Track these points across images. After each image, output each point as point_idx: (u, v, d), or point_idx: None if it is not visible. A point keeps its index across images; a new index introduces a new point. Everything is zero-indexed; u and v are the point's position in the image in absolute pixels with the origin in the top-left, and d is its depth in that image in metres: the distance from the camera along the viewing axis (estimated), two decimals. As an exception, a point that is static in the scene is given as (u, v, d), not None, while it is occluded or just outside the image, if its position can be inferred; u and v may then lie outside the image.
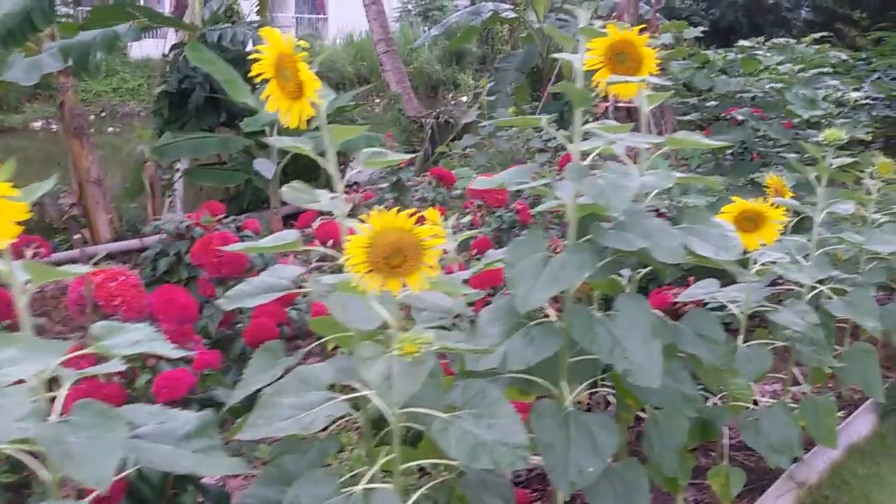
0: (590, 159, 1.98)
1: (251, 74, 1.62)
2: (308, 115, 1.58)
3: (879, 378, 2.83)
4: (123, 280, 2.16)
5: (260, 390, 1.63)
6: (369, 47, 14.67)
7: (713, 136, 4.57)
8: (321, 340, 1.98)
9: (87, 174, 6.22)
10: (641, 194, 2.00)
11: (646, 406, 2.13)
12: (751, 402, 2.51)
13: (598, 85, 1.84)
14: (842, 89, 4.52)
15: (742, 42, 5.23)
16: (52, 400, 1.31)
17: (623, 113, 5.31)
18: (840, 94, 4.14)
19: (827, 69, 5.41)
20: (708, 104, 4.60)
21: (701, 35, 5.68)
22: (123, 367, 1.38)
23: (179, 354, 1.37)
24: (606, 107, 5.93)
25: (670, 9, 14.35)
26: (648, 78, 1.73)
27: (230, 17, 7.51)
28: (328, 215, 2.09)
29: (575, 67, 1.75)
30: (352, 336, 1.69)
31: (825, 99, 4.07)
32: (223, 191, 7.45)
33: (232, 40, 6.77)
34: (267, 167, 5.91)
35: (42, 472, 1.30)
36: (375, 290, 1.39)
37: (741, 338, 2.52)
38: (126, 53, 20.46)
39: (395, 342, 1.40)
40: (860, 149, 5.25)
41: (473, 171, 6.14)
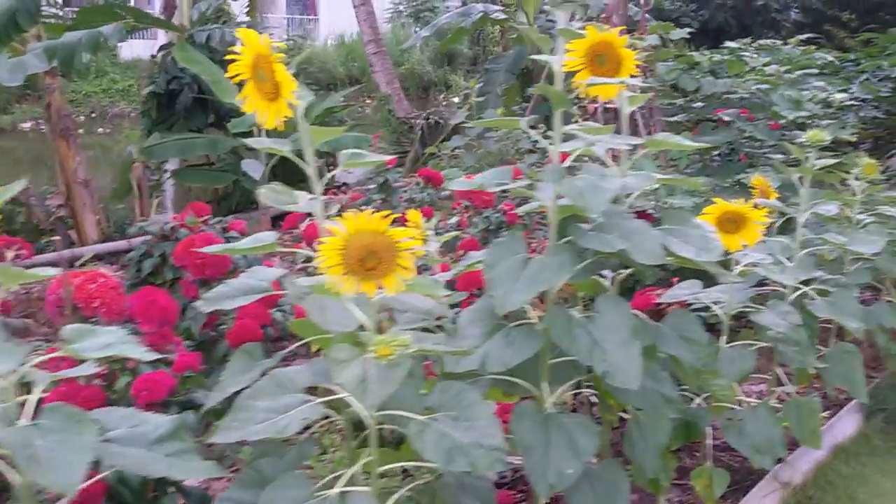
0: (569, 160, 1.98)
1: (229, 75, 1.62)
2: (284, 117, 1.57)
3: (863, 378, 2.83)
4: (103, 282, 2.15)
5: (239, 392, 1.62)
6: (360, 48, 14.65)
7: (700, 137, 4.58)
8: (302, 342, 1.97)
9: (75, 175, 6.18)
10: (622, 196, 1.99)
11: (628, 407, 2.13)
12: (734, 403, 2.51)
13: (579, 87, 1.84)
14: (828, 90, 4.53)
15: (729, 43, 5.23)
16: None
17: (612, 114, 5.31)
18: (826, 96, 4.15)
19: (813, 70, 5.43)
20: (694, 105, 4.61)
21: (688, 37, 5.68)
22: (97, 370, 1.37)
23: (151, 357, 1.36)
24: (596, 108, 5.93)
25: (660, 10, 14.37)
26: (627, 79, 1.73)
27: (219, 18, 7.48)
28: (317, 216, 2.08)
29: (554, 69, 1.74)
30: (332, 338, 1.68)
31: (811, 100, 4.08)
32: (212, 191, 7.43)
33: (221, 41, 6.75)
34: (255, 168, 5.89)
35: (12, 477, 1.28)
36: (350, 293, 1.38)
37: (724, 338, 2.52)
38: (116, 54, 20.37)
39: (371, 345, 1.39)
40: (849, 150, 5.26)
41: (462, 172, 6.14)
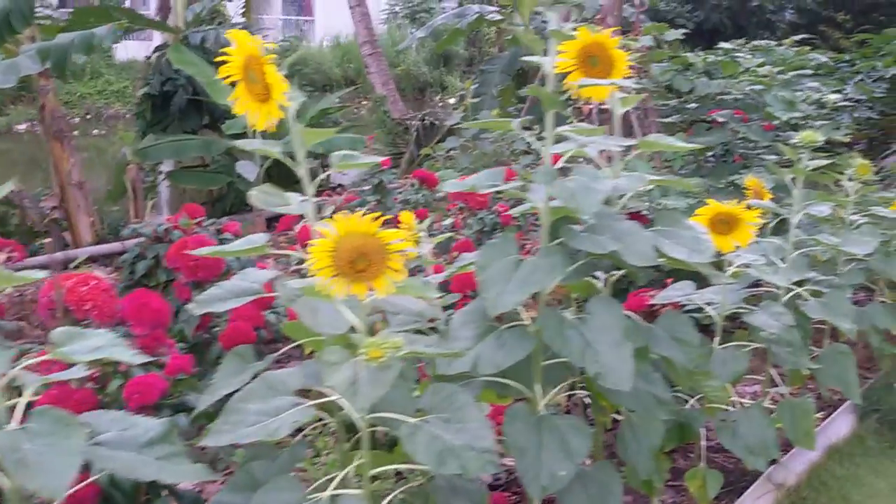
0: (562, 161, 1.98)
1: (220, 76, 1.62)
2: (276, 118, 1.57)
3: (856, 379, 2.83)
4: (95, 284, 2.14)
5: (231, 395, 1.61)
6: (356, 49, 14.64)
7: (694, 138, 4.58)
8: (294, 344, 1.97)
9: (69, 177, 6.16)
10: (615, 197, 1.99)
11: (622, 408, 2.13)
12: (727, 404, 2.51)
13: (571, 88, 1.84)
14: (822, 91, 4.54)
15: (723, 44, 5.24)
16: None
17: (607, 115, 5.30)
18: (819, 97, 4.16)
19: (808, 71, 5.43)
20: (689, 106, 4.61)
21: (682, 38, 5.69)
22: (87, 373, 1.36)
23: (140, 360, 1.35)
24: (591, 109, 5.93)
25: (655, 11, 14.38)
26: (619, 81, 1.73)
27: (213, 20, 7.48)
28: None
29: (546, 70, 1.74)
30: (324, 340, 1.68)
31: (804, 101, 4.09)
32: (207, 193, 7.42)
33: (215, 42, 6.74)
34: (249, 169, 5.87)
35: (2, 481, 1.28)
36: (341, 295, 1.38)
37: (717, 340, 2.52)
38: (111, 55, 20.31)
39: (362, 347, 1.39)
40: (844, 150, 5.27)
41: (458, 174, 6.13)
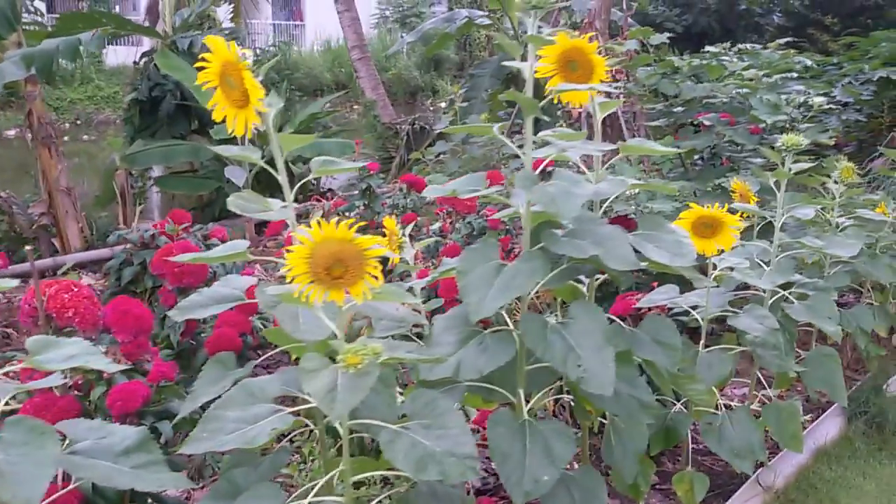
0: (548, 166, 1.98)
1: (198, 82, 1.61)
2: (253, 124, 1.57)
3: (842, 382, 2.83)
4: (76, 291, 2.13)
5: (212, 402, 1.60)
6: (347, 54, 14.63)
7: (680, 142, 4.59)
8: (278, 349, 1.96)
9: (57, 183, 6.13)
10: (597, 201, 1.99)
11: (606, 412, 2.13)
12: (712, 408, 2.51)
13: (552, 93, 1.84)
14: (809, 94, 4.55)
15: (709, 48, 5.25)
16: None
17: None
18: (804, 99, 4.17)
19: (793, 74, 5.45)
20: (675, 110, 4.62)
21: (668, 42, 5.70)
22: (64, 381, 1.35)
23: (116, 368, 1.34)
24: (580, 113, 5.94)
25: (644, 14, 14.41)
26: (598, 85, 1.73)
27: (201, 24, 7.46)
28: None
29: (525, 75, 1.74)
30: (304, 346, 1.67)
31: (790, 104, 4.10)
32: (196, 198, 7.40)
33: (203, 47, 6.72)
34: (238, 174, 5.81)
35: (-24, 491, 1.27)
36: (318, 301, 1.37)
37: (702, 343, 2.52)
38: (101, 61, 20.25)
39: (340, 353, 1.38)
40: (832, 153, 5.28)
41: (446, 178, 6.13)
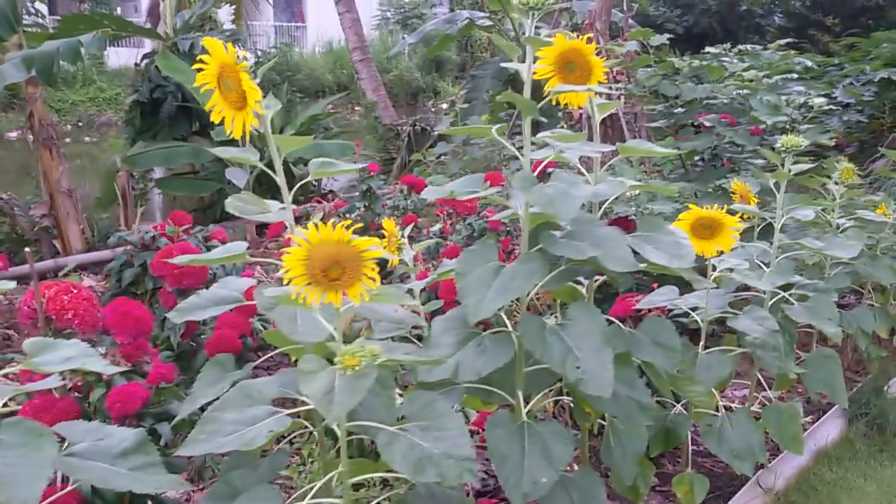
0: (546, 167, 1.98)
1: (196, 84, 1.62)
2: (252, 125, 1.57)
3: (843, 383, 2.82)
4: (76, 293, 2.13)
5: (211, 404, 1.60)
6: (348, 55, 14.66)
7: (681, 143, 4.59)
8: (277, 350, 1.96)
9: (58, 185, 6.14)
10: (596, 203, 1.99)
11: (605, 414, 2.12)
12: (712, 409, 2.51)
13: (551, 94, 1.84)
14: (809, 94, 4.55)
15: (709, 49, 5.24)
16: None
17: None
18: (804, 100, 4.17)
19: (794, 75, 5.44)
20: (675, 111, 4.61)
21: (669, 42, 5.69)
22: (61, 383, 1.35)
23: (113, 371, 1.34)
24: (581, 114, 5.94)
25: (645, 16, 14.40)
26: (595, 87, 1.73)
27: (202, 26, 7.47)
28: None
29: (522, 77, 1.74)
30: (303, 348, 1.67)
31: (790, 105, 4.09)
32: (198, 200, 7.41)
33: (204, 49, 6.73)
34: (239, 176, 5.84)
35: (-26, 493, 1.27)
36: (315, 303, 1.37)
37: (702, 344, 2.52)
38: (104, 62, 20.28)
39: (338, 355, 1.38)
40: (834, 154, 5.27)
41: (447, 179, 6.13)
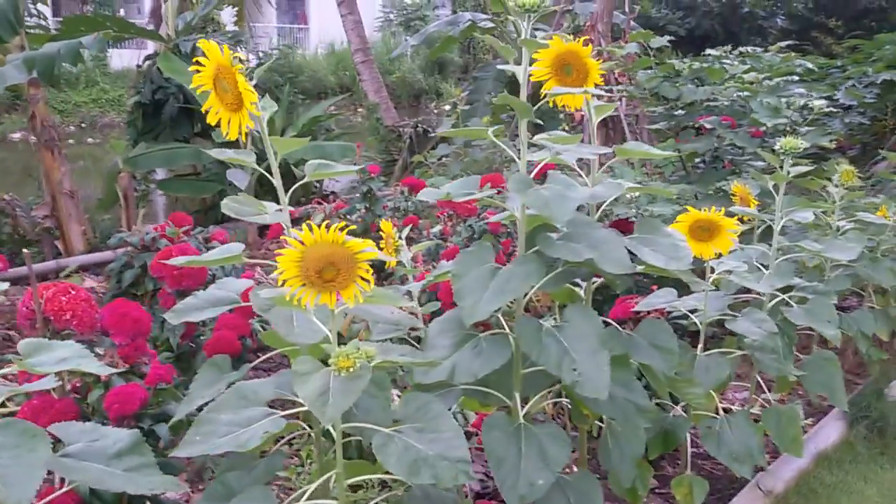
0: (543, 169, 1.98)
1: (193, 85, 1.62)
2: (247, 127, 1.57)
3: (842, 386, 2.81)
4: (74, 294, 2.13)
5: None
6: (350, 57, 14.68)
7: (681, 145, 4.59)
8: (276, 351, 1.96)
9: (60, 186, 6.15)
10: (593, 205, 1.99)
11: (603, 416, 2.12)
12: (711, 411, 2.51)
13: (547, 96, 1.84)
14: (810, 96, 4.54)
15: (710, 51, 5.24)
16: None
17: (600, 122, 5.34)
18: (804, 102, 4.16)
19: (794, 77, 5.43)
20: (676, 113, 4.61)
21: (669, 45, 5.69)
22: (56, 384, 1.35)
23: (107, 372, 1.34)
24: (582, 116, 5.94)
25: (647, 18, 14.39)
26: (592, 89, 1.73)
27: (204, 28, 7.48)
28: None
29: (519, 79, 1.74)
30: (298, 350, 1.67)
31: (790, 107, 4.09)
32: (200, 201, 7.41)
33: (206, 51, 6.73)
34: (240, 177, 5.85)
35: (-31, 494, 1.27)
36: (310, 305, 1.37)
37: (700, 347, 2.52)
38: (106, 64, 20.32)
39: (332, 357, 1.38)
40: (836, 156, 5.26)
41: (448, 181, 6.13)
